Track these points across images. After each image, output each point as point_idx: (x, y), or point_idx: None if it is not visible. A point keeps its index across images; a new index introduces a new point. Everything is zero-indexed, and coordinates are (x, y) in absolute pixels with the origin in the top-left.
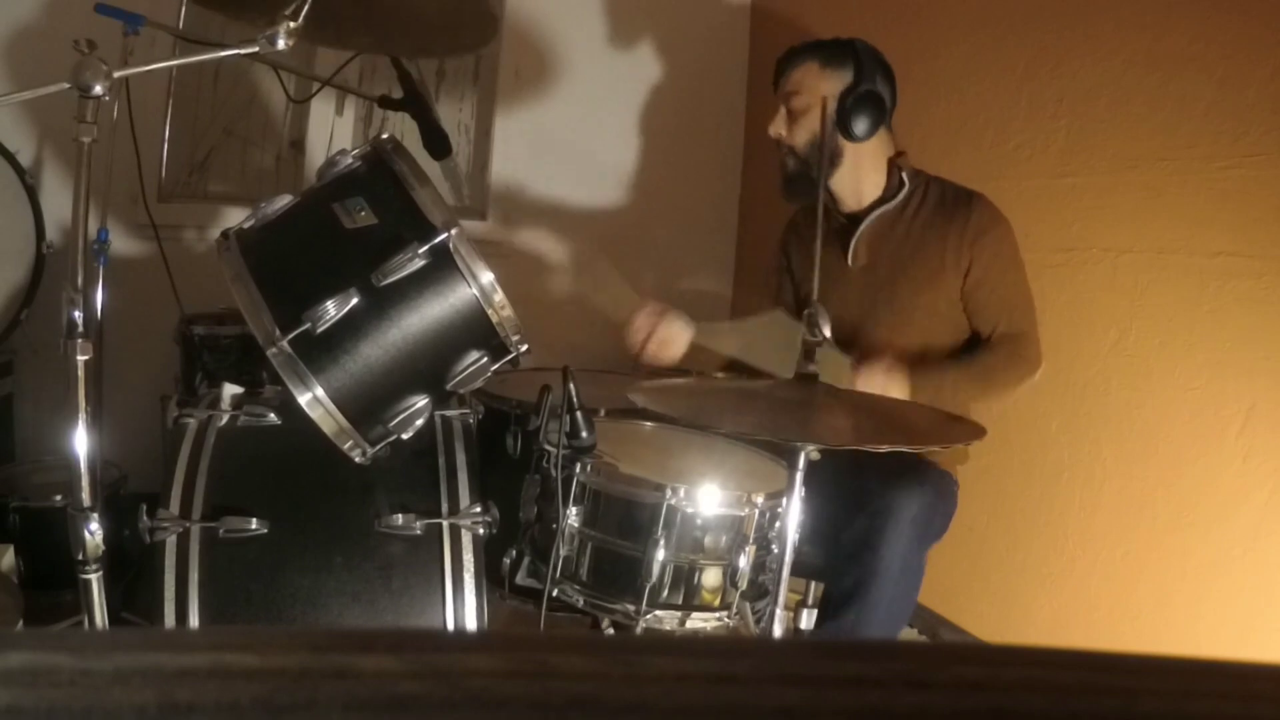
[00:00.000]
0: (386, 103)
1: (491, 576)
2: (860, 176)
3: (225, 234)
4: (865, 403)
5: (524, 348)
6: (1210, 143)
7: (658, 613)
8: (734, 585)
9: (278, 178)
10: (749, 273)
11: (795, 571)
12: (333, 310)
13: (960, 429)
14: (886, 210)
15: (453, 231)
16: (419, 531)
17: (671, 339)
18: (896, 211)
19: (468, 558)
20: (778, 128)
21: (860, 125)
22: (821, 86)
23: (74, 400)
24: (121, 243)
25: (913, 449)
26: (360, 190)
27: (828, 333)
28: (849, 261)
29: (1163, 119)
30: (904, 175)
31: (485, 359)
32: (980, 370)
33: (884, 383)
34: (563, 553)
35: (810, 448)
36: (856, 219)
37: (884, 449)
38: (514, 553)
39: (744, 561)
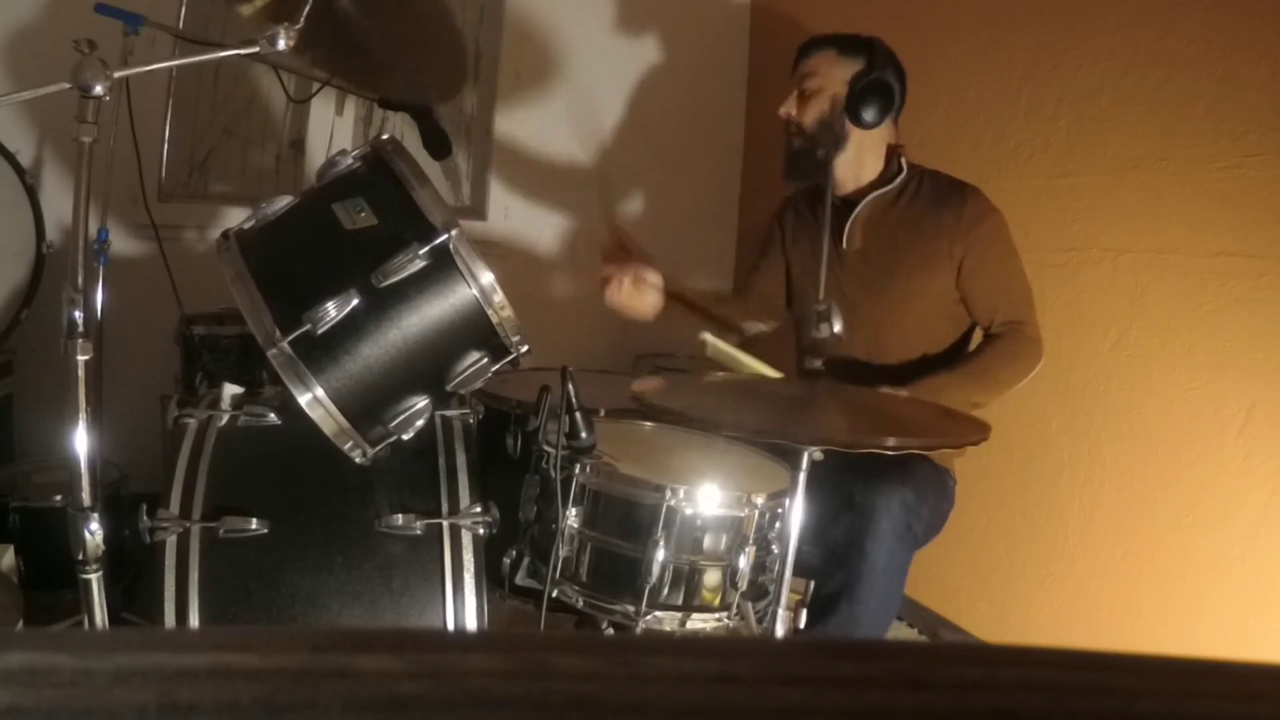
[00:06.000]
0: (387, 103)
1: (491, 576)
2: (861, 160)
3: (225, 234)
4: (864, 401)
5: (524, 348)
6: (1210, 143)
7: (658, 613)
8: (734, 586)
9: (278, 178)
10: None
11: (793, 571)
12: (333, 311)
13: (962, 427)
14: (883, 194)
15: (453, 232)
16: (419, 531)
17: (636, 305)
18: (893, 197)
19: (468, 558)
20: (788, 107)
21: (868, 112)
22: (835, 72)
23: (74, 400)
24: (121, 243)
25: (919, 449)
26: (360, 191)
27: (839, 329)
28: (844, 244)
29: (1163, 119)
30: (902, 161)
31: (485, 359)
32: (980, 369)
33: None
34: (562, 553)
35: (814, 449)
36: (851, 203)
37: (890, 450)
38: (514, 553)
39: (744, 562)
